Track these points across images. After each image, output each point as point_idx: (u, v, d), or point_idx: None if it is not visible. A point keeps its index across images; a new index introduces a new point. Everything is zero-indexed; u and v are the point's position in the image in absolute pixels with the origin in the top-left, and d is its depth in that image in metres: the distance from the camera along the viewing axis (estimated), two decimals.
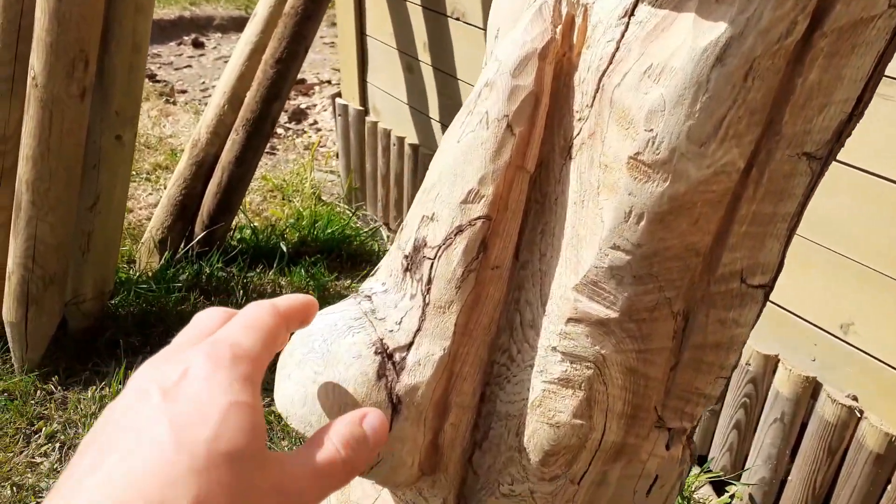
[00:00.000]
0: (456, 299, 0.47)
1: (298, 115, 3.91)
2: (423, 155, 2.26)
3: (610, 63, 0.41)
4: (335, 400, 0.45)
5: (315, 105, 4.18)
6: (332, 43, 5.02)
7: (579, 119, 0.44)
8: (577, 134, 0.44)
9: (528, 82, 0.43)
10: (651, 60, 0.39)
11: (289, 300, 0.40)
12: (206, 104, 3.96)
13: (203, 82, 4.49)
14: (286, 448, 1.57)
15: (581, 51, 0.44)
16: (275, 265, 2.20)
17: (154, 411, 0.28)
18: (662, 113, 0.39)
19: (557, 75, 0.45)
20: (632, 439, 0.52)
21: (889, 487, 1.25)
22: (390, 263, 0.50)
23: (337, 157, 3.31)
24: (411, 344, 0.47)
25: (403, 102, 2.28)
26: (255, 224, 2.42)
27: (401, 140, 2.36)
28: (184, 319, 1.83)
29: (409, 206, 2.52)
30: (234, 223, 2.25)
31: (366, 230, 2.53)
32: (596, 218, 0.44)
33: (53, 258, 1.61)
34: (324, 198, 2.76)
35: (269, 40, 1.88)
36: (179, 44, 5.11)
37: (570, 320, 0.46)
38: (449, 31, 1.95)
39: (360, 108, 2.52)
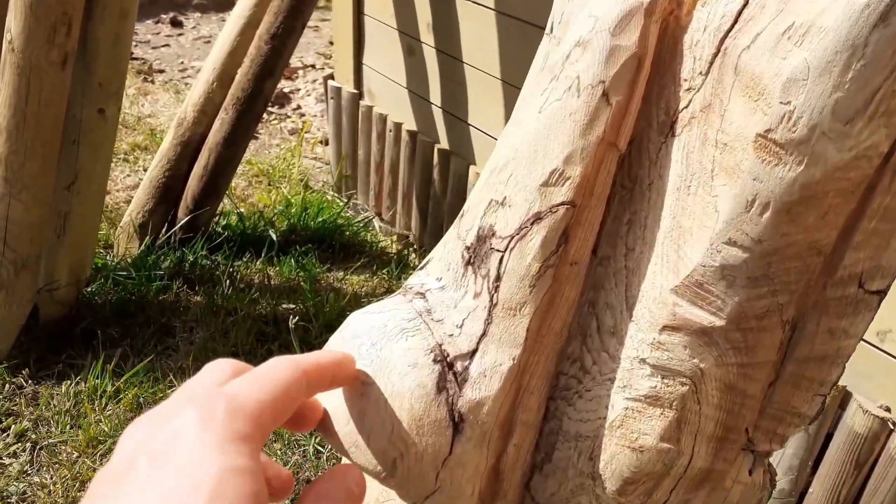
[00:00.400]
0: (529, 300, 0.40)
1: (282, 100, 3.84)
2: (421, 142, 2.19)
3: (735, 22, 0.35)
4: (388, 416, 0.39)
5: (299, 89, 4.11)
6: (317, 27, 4.94)
7: (688, 89, 0.38)
8: (685, 106, 0.38)
9: (631, 42, 0.37)
10: (793, 18, 0.33)
11: (316, 357, 0.36)
12: (186, 84, 3.87)
13: (182, 62, 4.40)
14: (278, 451, 1.50)
15: (693, 9, 0.38)
16: (263, 254, 2.12)
17: (143, 485, 0.26)
18: (804, 82, 0.33)
19: (661, 37, 0.39)
20: (719, 464, 0.46)
21: None
22: (446, 255, 0.44)
23: (323, 143, 3.23)
24: (475, 351, 0.41)
25: (402, 86, 2.21)
26: (242, 210, 2.33)
27: (398, 126, 2.28)
28: (165, 309, 1.75)
29: (404, 196, 2.46)
30: (219, 208, 2.17)
31: (358, 220, 2.46)
32: (707, 207, 0.37)
33: (26, 240, 1.53)
34: (311, 185, 2.68)
35: (263, 15, 1.80)
36: (157, 22, 5.00)
37: (665, 328, 0.40)
38: (456, 11, 1.88)
39: (355, 91, 2.45)
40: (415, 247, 2.33)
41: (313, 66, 4.42)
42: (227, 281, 1.94)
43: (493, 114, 1.88)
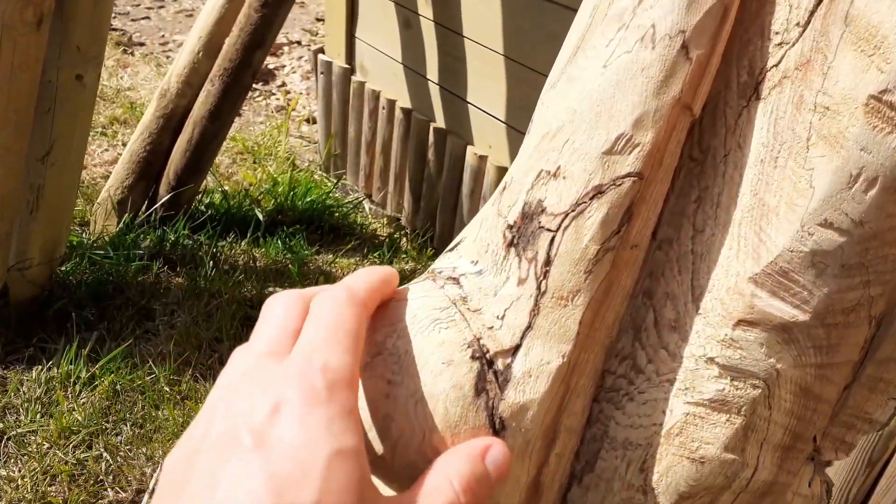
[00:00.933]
0: (584, 288, 0.35)
1: (266, 76, 3.78)
2: (416, 120, 2.13)
3: None
4: (418, 423, 0.34)
5: (284, 66, 4.05)
6: (303, 2, 4.86)
7: (780, 43, 0.33)
8: (776, 64, 0.33)
9: None
10: None
11: (366, 280, 0.35)
12: (168, 58, 3.78)
13: (163, 35, 4.32)
14: None
15: None
16: (248, 235, 2.06)
17: (247, 463, 0.26)
18: None
19: None
20: (783, 476, 0.42)
21: None
22: (484, 234, 0.39)
23: (309, 121, 3.16)
24: (518, 347, 0.36)
25: (397, 61, 2.15)
26: (226, 188, 2.27)
27: (391, 103, 2.22)
28: (144, 291, 1.68)
29: (397, 177, 2.40)
30: (202, 186, 2.10)
31: (348, 201, 2.40)
32: (799, 182, 0.33)
33: None
34: (297, 164, 2.62)
35: None
36: None
37: (740, 323, 0.36)
38: None
39: (346, 65, 2.38)
40: (406, 230, 2.28)
41: (299, 43, 4.36)
42: (211, 262, 1.88)
43: (495, 91, 1.83)
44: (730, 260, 0.36)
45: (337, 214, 2.29)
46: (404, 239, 2.25)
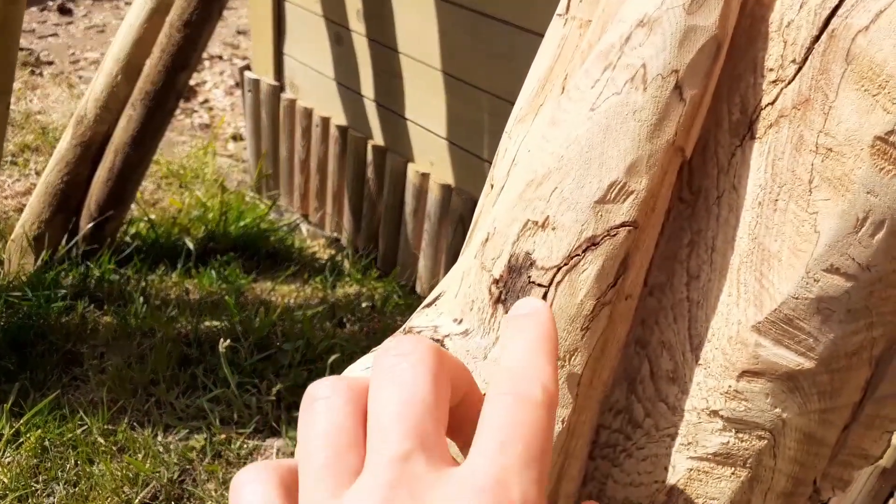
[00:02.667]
0: (582, 346, 0.34)
1: (187, 93, 3.68)
2: (353, 138, 2.09)
3: None
4: None
5: (205, 82, 3.96)
6: (223, 15, 4.79)
7: (775, 81, 0.32)
8: (771, 102, 0.32)
9: (710, 22, 0.31)
10: None
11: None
12: (80, 77, 3.63)
13: (73, 53, 4.16)
14: (213, 492, 1.38)
15: None
16: (179, 265, 1.97)
17: None
18: None
19: (738, 16, 0.32)
20: None
21: (891, 501, 1.22)
22: (466, 290, 0.36)
23: (236, 139, 3.08)
24: None
25: (330, 78, 2.11)
26: (152, 216, 2.18)
27: (325, 121, 2.18)
28: (69, 334, 1.59)
29: (335, 196, 2.36)
30: (126, 216, 2.01)
31: (283, 223, 2.34)
32: (803, 226, 0.32)
33: None
34: (226, 185, 2.54)
35: (172, 0, 1.66)
36: (42, 9, 4.70)
37: (744, 374, 0.35)
38: None
39: (275, 83, 2.33)
40: (348, 252, 2.24)
41: (220, 57, 4.27)
42: (141, 297, 1.79)
43: (434, 108, 1.81)
44: (730, 307, 0.34)
45: (273, 238, 2.23)
46: (346, 261, 2.21)
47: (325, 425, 0.23)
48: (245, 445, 1.50)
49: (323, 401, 0.24)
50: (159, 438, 1.47)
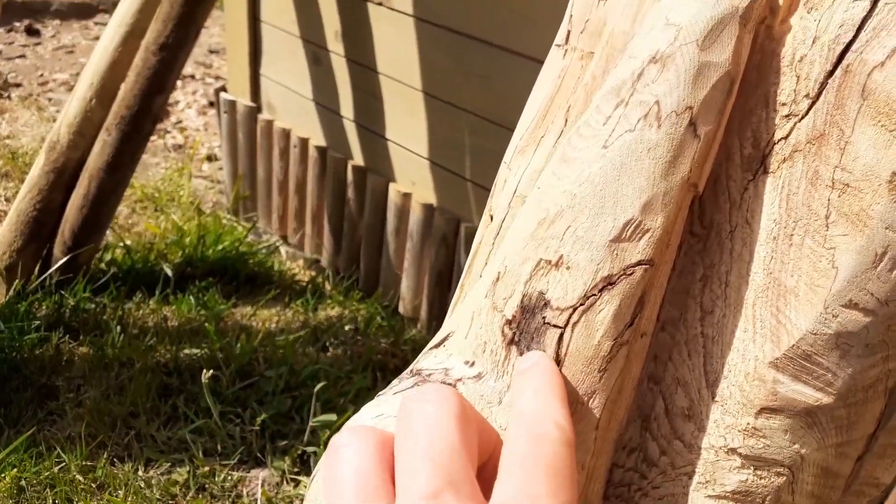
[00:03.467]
0: (600, 388, 0.33)
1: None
2: (332, 158, 2.09)
3: (858, 32, 0.29)
4: None
5: (178, 102, 3.95)
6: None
7: (788, 115, 0.32)
8: (784, 137, 0.32)
9: (724, 59, 0.31)
10: None
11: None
12: (49, 100, 3.59)
13: (41, 75, 4.12)
14: None
15: (790, 16, 0.32)
16: (157, 292, 1.94)
17: None
18: None
19: (749, 51, 0.32)
20: None
21: None
22: (478, 331, 0.36)
23: (211, 159, 3.06)
24: None
25: (308, 98, 2.10)
26: (128, 242, 2.14)
27: (304, 142, 2.17)
28: (44, 367, 1.55)
29: (314, 217, 2.35)
30: (101, 242, 1.98)
31: (262, 245, 2.32)
32: (820, 261, 0.32)
33: None
34: (202, 207, 2.51)
35: (148, 23, 1.65)
36: (10, 30, 4.66)
37: (763, 411, 0.35)
38: (368, 18, 1.79)
39: (252, 104, 2.31)
40: (328, 273, 2.22)
41: (193, 77, 4.25)
42: (118, 326, 1.76)
43: (415, 128, 1.81)
44: (745, 343, 0.34)
45: (252, 262, 2.21)
46: (327, 283, 2.19)
47: (352, 470, 0.23)
48: (230, 477, 1.47)
49: (348, 447, 0.24)
50: (140, 473, 1.44)
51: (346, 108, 1.99)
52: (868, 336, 0.32)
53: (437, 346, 0.38)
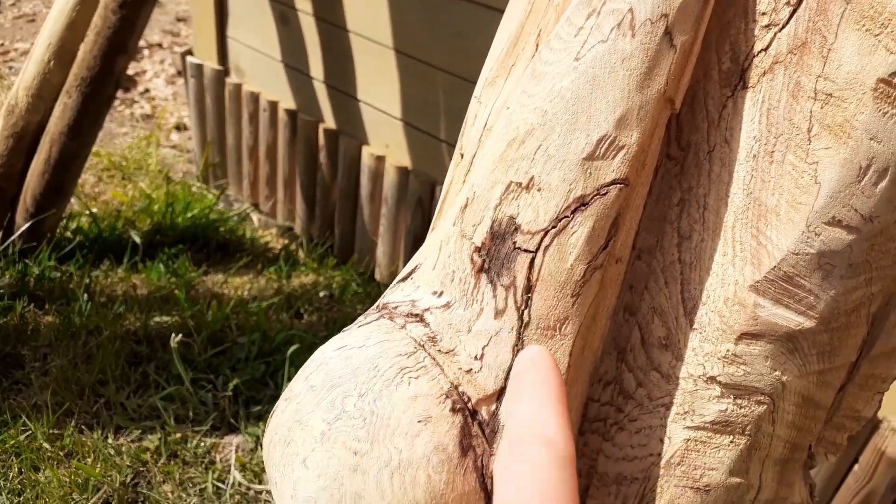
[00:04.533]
0: (573, 314, 0.32)
1: (127, 83, 3.57)
2: (303, 122, 2.05)
3: None
4: (397, 499, 0.29)
5: (146, 71, 3.86)
6: (161, 2, 4.65)
7: (768, 25, 0.30)
8: (764, 48, 0.31)
9: None
10: None
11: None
12: (10, 69, 3.50)
13: (2, 44, 4.01)
14: (170, 493, 1.33)
15: None
16: (125, 260, 1.91)
17: None
18: None
19: None
20: (783, 490, 0.41)
21: (854, 468, 1.25)
22: (445, 260, 0.34)
23: (180, 129, 3.00)
24: (503, 390, 0.32)
25: (276, 60, 2.05)
26: (94, 210, 2.09)
27: (273, 105, 2.13)
28: (8, 336, 1.52)
29: (286, 183, 2.31)
30: (67, 210, 1.93)
31: (233, 213, 2.28)
32: (802, 177, 0.31)
33: None
34: (172, 176, 2.46)
35: None
36: None
37: (743, 336, 0.34)
38: None
39: (219, 67, 2.26)
40: (302, 240, 2.19)
41: (160, 45, 4.15)
42: (85, 295, 1.72)
43: (388, 88, 1.78)
44: (725, 267, 0.33)
45: (223, 229, 2.17)
46: (301, 250, 2.16)
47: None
48: (202, 443, 1.45)
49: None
50: (110, 441, 1.41)
51: (316, 69, 1.94)
52: (851, 255, 0.31)
53: (403, 279, 0.37)
